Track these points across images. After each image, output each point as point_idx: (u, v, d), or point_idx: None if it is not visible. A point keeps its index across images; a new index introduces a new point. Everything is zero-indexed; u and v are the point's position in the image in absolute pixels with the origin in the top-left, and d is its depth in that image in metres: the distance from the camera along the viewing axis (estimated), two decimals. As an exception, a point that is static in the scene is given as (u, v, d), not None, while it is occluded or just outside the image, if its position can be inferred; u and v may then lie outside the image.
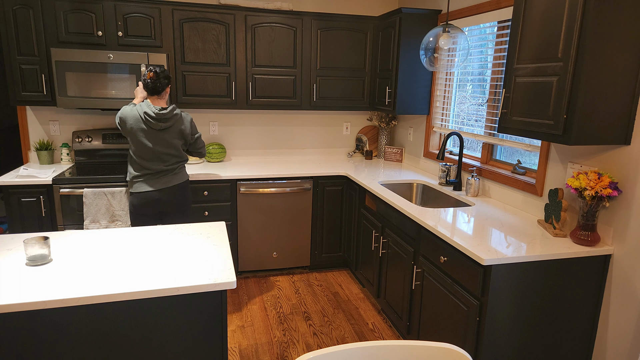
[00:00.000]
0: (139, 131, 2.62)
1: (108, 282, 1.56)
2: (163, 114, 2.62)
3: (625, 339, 1.98)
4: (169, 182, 2.74)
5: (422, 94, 3.58)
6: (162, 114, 2.62)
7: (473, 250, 1.95)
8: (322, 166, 3.83)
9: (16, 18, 3.08)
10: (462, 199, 2.89)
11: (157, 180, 2.71)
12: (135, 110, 2.63)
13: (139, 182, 2.69)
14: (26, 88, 3.19)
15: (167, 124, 2.66)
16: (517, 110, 2.13)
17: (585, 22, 1.76)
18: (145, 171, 2.68)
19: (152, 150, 2.65)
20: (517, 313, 1.99)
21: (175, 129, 2.71)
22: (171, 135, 2.70)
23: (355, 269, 3.55)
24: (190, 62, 3.46)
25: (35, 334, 1.50)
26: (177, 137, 2.73)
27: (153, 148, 2.65)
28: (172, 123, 2.68)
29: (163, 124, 2.64)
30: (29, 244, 1.68)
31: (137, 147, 2.65)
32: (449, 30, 2.76)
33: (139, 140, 2.63)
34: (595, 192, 1.92)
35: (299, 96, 3.78)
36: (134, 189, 2.70)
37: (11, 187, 3.03)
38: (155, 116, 2.61)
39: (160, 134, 2.66)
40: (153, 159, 2.68)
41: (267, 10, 3.54)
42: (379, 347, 1.10)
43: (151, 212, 2.75)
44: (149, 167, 2.68)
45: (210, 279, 1.61)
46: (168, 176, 2.74)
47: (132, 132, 2.63)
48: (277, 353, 2.68)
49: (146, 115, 2.60)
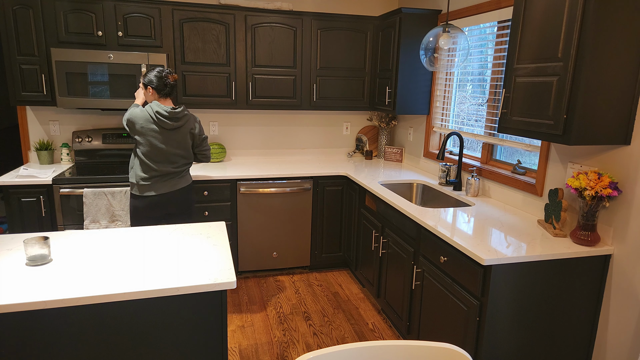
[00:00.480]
0: (149, 132, 2.61)
1: (108, 282, 1.56)
2: (176, 112, 2.63)
3: (625, 339, 1.98)
4: (175, 186, 2.74)
5: (422, 94, 3.58)
6: (174, 113, 2.63)
7: (473, 250, 1.95)
8: (322, 166, 3.83)
9: (16, 18, 3.08)
10: (462, 199, 2.89)
11: (164, 183, 2.70)
12: (145, 111, 2.62)
13: (146, 185, 2.67)
14: (26, 88, 3.19)
15: (179, 123, 2.67)
16: (517, 110, 2.13)
17: (585, 22, 1.76)
18: (153, 173, 2.67)
19: (162, 151, 2.65)
20: (517, 313, 1.99)
21: (185, 128, 2.71)
22: (182, 136, 2.70)
23: (355, 269, 3.55)
24: (190, 62, 3.46)
25: (35, 334, 1.50)
26: (188, 138, 2.73)
27: (164, 149, 2.65)
28: (183, 122, 2.69)
29: (175, 123, 2.65)
30: (29, 244, 1.68)
31: (148, 147, 2.63)
32: (449, 30, 2.76)
33: (150, 141, 2.62)
34: (595, 192, 1.92)
35: (299, 96, 3.78)
36: (140, 192, 2.68)
37: (11, 187, 3.03)
38: (169, 115, 2.61)
39: (171, 134, 2.66)
40: (163, 160, 2.67)
41: (267, 10, 3.54)
42: (379, 347, 1.10)
43: (154, 215, 2.74)
44: (158, 168, 2.66)
45: (210, 279, 1.61)
46: (175, 179, 2.74)
47: (143, 133, 2.61)
48: (277, 353, 2.68)
49: (158, 114, 2.59)
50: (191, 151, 2.80)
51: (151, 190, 2.68)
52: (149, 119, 2.61)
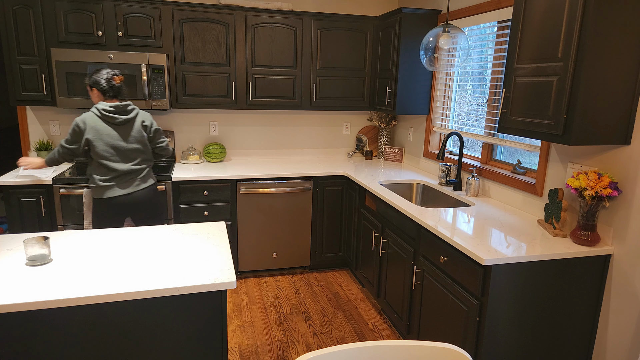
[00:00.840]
0: (102, 129, 2.56)
1: (108, 282, 1.56)
2: (121, 106, 2.60)
3: (625, 339, 1.98)
4: (139, 185, 2.69)
5: (422, 94, 3.58)
6: (120, 107, 2.60)
7: (473, 250, 1.95)
8: (322, 166, 3.83)
9: (16, 18, 3.08)
10: (462, 199, 2.89)
11: (127, 183, 2.65)
12: (92, 113, 2.57)
13: (108, 185, 2.60)
14: (26, 88, 3.19)
15: (129, 116, 2.63)
16: (517, 110, 2.13)
17: (585, 22, 1.76)
18: (114, 174, 2.60)
19: (119, 149, 2.60)
20: (517, 313, 1.99)
21: (137, 122, 2.68)
22: (136, 130, 2.66)
23: (355, 269, 3.55)
24: (190, 62, 3.46)
25: (35, 334, 1.50)
26: (142, 131, 2.69)
27: (120, 145, 2.59)
28: (133, 115, 2.65)
29: (125, 116, 2.61)
30: (29, 244, 1.68)
31: (103, 147, 2.56)
32: (449, 30, 2.76)
33: (105, 140, 2.56)
34: (595, 192, 1.92)
35: (299, 96, 3.78)
36: (105, 195, 2.59)
37: (11, 187, 3.03)
38: (115, 110, 2.58)
39: (124, 130, 2.61)
40: (120, 158, 2.61)
41: (267, 10, 3.54)
42: (379, 347, 1.10)
43: (120, 218, 2.68)
44: (117, 168, 2.60)
45: (210, 279, 1.61)
46: (137, 179, 2.69)
47: (96, 132, 2.55)
48: (277, 353, 2.68)
49: (105, 111, 2.56)
50: (149, 147, 2.76)
51: (114, 191, 2.61)
52: (97, 119, 2.56)
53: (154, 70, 3.28)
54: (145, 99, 3.30)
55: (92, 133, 2.55)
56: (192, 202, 3.38)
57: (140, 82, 3.27)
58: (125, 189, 2.64)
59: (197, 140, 3.95)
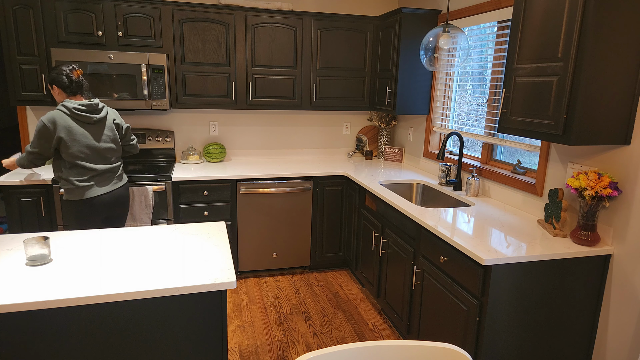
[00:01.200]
0: (73, 129, 2.45)
1: (108, 282, 1.56)
2: (92, 105, 2.52)
3: (625, 339, 1.98)
4: (117, 184, 2.68)
5: (422, 94, 3.58)
6: (92, 105, 2.52)
7: (473, 250, 1.95)
8: (322, 166, 3.83)
9: (16, 18, 3.08)
10: (462, 199, 2.89)
11: (106, 181, 2.61)
12: (59, 111, 2.45)
13: (89, 185, 2.52)
14: (26, 88, 3.19)
15: (101, 115, 2.56)
16: (517, 110, 2.13)
17: (585, 22, 1.76)
18: (92, 173, 2.53)
19: (95, 149, 2.53)
20: (517, 313, 1.99)
21: (109, 120, 2.63)
22: (109, 129, 2.61)
23: (355, 269, 3.55)
24: (190, 62, 3.46)
25: (35, 334, 1.50)
26: (115, 130, 2.66)
27: (96, 145, 2.53)
28: (105, 113, 2.60)
29: (97, 115, 2.54)
30: (29, 244, 1.68)
31: (78, 147, 2.46)
32: (449, 30, 2.76)
33: (79, 140, 2.47)
34: (595, 192, 1.92)
35: (299, 96, 3.78)
36: (86, 195, 2.51)
37: (11, 187, 3.03)
38: (87, 108, 2.49)
39: (98, 129, 2.55)
40: (96, 158, 2.55)
41: (267, 10, 3.54)
42: (379, 347, 1.10)
43: (98, 218, 2.61)
44: (94, 168, 2.53)
45: (210, 279, 1.61)
46: (114, 178, 2.66)
47: (67, 132, 2.43)
48: (277, 353, 2.68)
49: (76, 110, 2.45)
50: (120, 145, 2.72)
51: (95, 190, 2.54)
52: (67, 118, 2.45)
53: (154, 70, 3.28)
54: (145, 99, 3.30)
55: (64, 133, 2.43)
56: (192, 202, 3.38)
57: (140, 82, 3.27)
58: (104, 187, 2.59)
59: (197, 140, 3.96)
